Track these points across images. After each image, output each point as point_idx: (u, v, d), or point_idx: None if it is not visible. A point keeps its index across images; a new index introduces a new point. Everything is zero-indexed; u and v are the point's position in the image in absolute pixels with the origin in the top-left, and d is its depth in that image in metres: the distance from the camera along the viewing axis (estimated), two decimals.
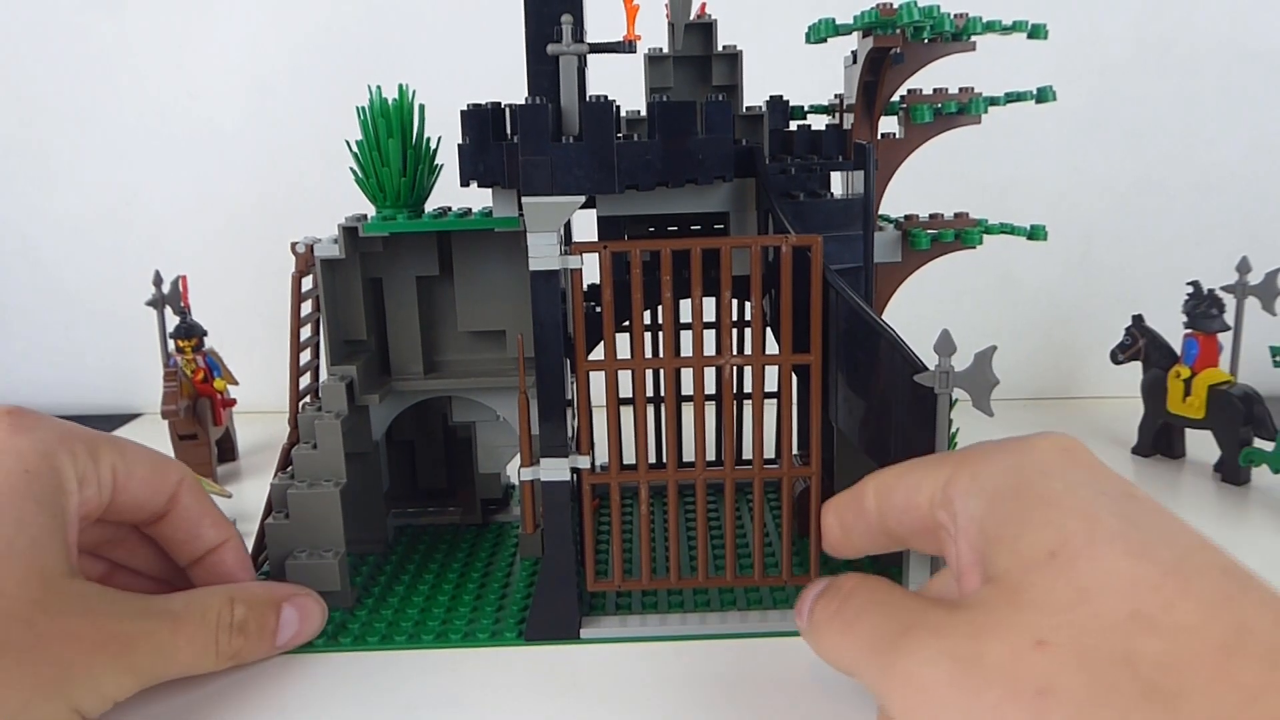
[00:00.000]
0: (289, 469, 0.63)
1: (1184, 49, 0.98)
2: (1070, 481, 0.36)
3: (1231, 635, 0.30)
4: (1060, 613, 0.32)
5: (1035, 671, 0.31)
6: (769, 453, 0.80)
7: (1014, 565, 0.34)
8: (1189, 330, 0.81)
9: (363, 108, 0.62)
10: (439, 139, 0.63)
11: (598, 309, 0.60)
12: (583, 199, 0.53)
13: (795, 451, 0.77)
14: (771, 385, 0.79)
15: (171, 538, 0.55)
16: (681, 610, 0.59)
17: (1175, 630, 0.30)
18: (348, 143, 0.62)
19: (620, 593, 0.61)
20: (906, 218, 0.66)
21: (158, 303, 0.84)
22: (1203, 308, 0.80)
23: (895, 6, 0.56)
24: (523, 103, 0.50)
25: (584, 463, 0.56)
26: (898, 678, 0.35)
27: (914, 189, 0.77)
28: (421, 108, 0.63)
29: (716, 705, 0.50)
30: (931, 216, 0.65)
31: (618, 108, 0.60)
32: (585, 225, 0.62)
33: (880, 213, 0.68)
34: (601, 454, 0.81)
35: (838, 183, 0.66)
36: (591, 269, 0.61)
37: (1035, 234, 0.63)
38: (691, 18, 0.64)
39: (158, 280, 0.84)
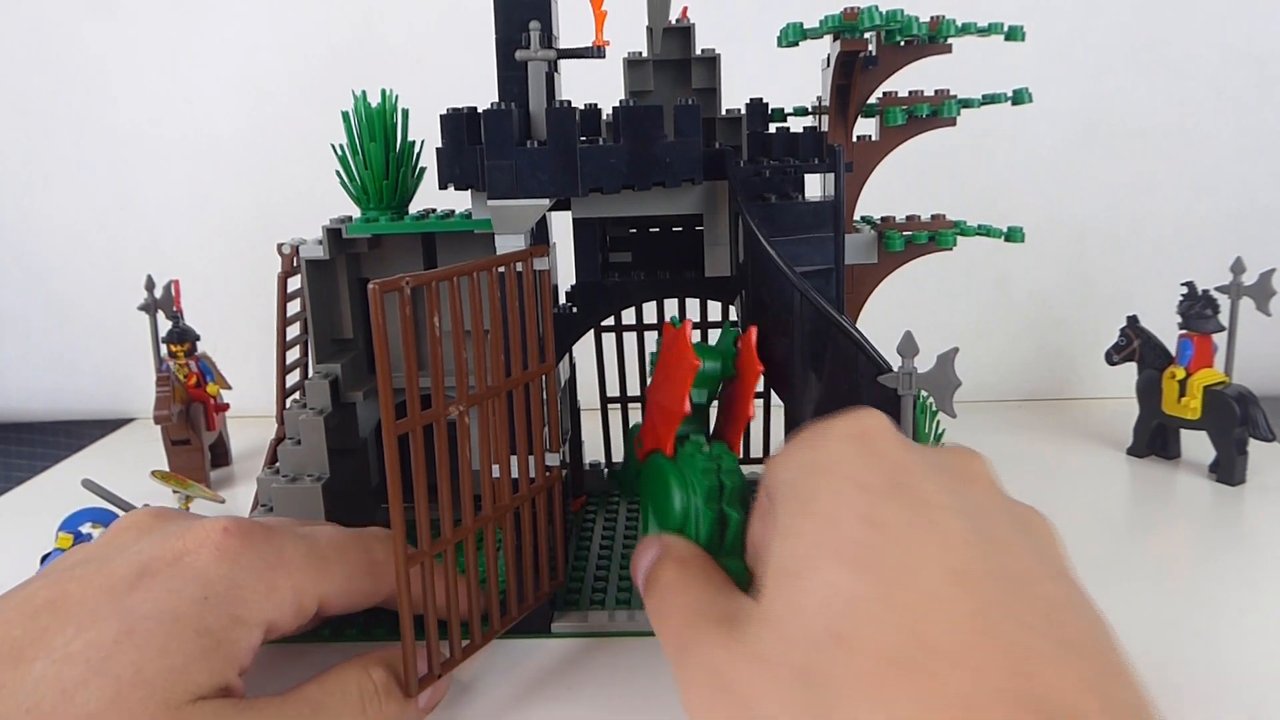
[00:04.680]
0: (275, 465, 0.64)
1: (1177, 51, 0.98)
2: (836, 483, 0.36)
3: (898, 650, 0.30)
4: (778, 630, 0.34)
5: (750, 690, 0.33)
6: (754, 452, 0.82)
7: (766, 577, 0.36)
8: (1184, 331, 0.81)
9: (347, 112, 0.63)
10: (422, 142, 0.65)
11: (573, 310, 0.61)
12: (549, 202, 0.54)
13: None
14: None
15: (389, 604, 0.54)
16: None
17: (854, 647, 0.31)
18: (333, 146, 0.64)
19: (595, 588, 0.62)
20: (882, 219, 0.66)
21: (150, 307, 0.84)
22: (1197, 308, 0.80)
23: (858, 11, 0.56)
24: (488, 107, 0.51)
25: (554, 460, 0.56)
26: (681, 670, 0.38)
27: (908, 191, 0.77)
28: (405, 111, 0.64)
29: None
30: (908, 218, 0.65)
31: (597, 111, 0.61)
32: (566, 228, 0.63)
33: (862, 214, 0.68)
34: (593, 452, 0.82)
35: (816, 185, 0.66)
36: (565, 273, 0.62)
37: (1012, 236, 0.63)
38: (672, 21, 0.65)
39: (150, 285, 0.84)
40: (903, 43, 0.61)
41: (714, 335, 0.78)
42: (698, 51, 0.66)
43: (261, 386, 0.84)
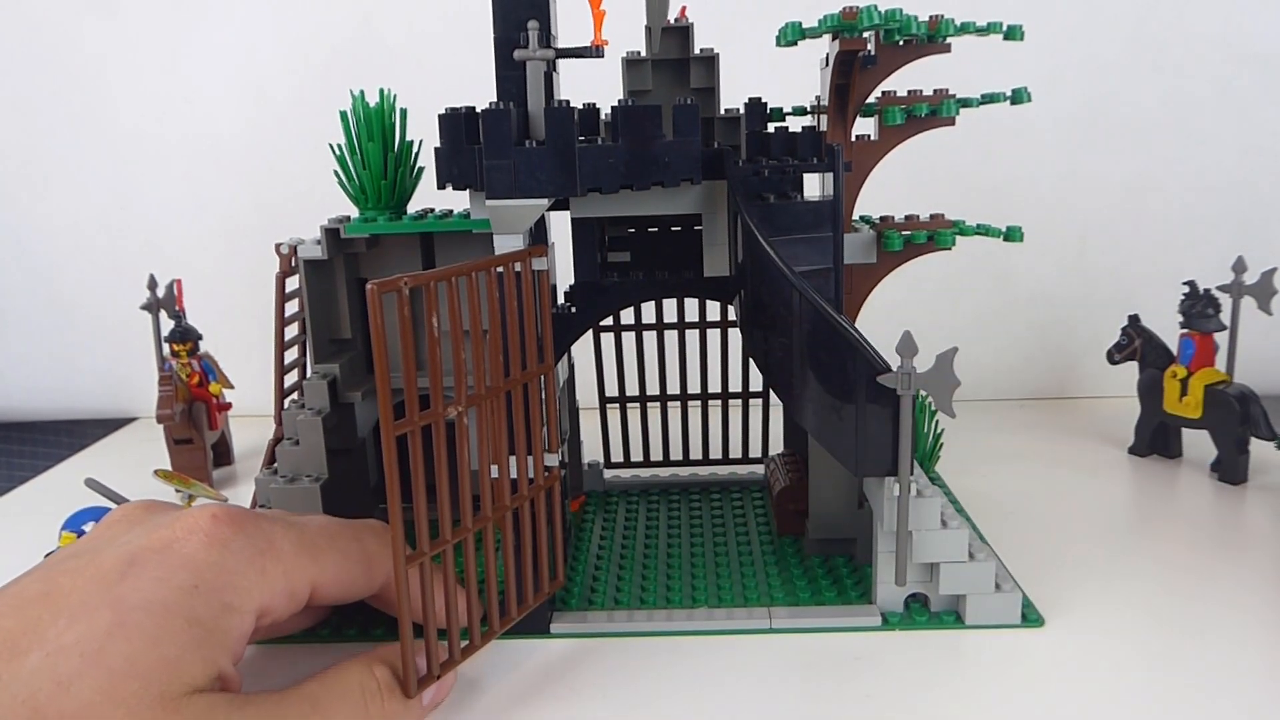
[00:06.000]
0: (274, 465, 0.64)
1: (1179, 50, 0.98)
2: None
3: None
4: None
5: None
6: (754, 452, 0.82)
7: None
8: (1185, 330, 0.81)
9: (345, 111, 0.63)
10: (420, 142, 0.65)
11: (572, 310, 0.61)
12: (547, 202, 0.54)
13: (782, 451, 0.77)
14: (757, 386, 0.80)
15: (384, 605, 0.55)
16: (649, 607, 0.60)
17: None
18: (331, 146, 0.64)
19: (592, 589, 0.62)
20: (881, 219, 0.66)
21: (153, 307, 0.84)
22: (1199, 307, 0.80)
23: (857, 10, 0.56)
24: (486, 107, 0.51)
25: (553, 460, 0.56)
26: None
27: (907, 190, 0.77)
28: (403, 111, 0.64)
29: (678, 698, 0.51)
30: (907, 218, 0.65)
31: (596, 110, 0.61)
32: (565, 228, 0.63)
33: (860, 214, 0.68)
34: (592, 451, 0.82)
35: (815, 185, 0.66)
36: (565, 272, 0.62)
37: (1011, 236, 0.63)
38: (670, 20, 0.65)
39: (152, 284, 0.84)
40: (901, 42, 0.61)
41: (713, 335, 0.78)
42: (696, 51, 0.66)
43: (263, 386, 0.84)
